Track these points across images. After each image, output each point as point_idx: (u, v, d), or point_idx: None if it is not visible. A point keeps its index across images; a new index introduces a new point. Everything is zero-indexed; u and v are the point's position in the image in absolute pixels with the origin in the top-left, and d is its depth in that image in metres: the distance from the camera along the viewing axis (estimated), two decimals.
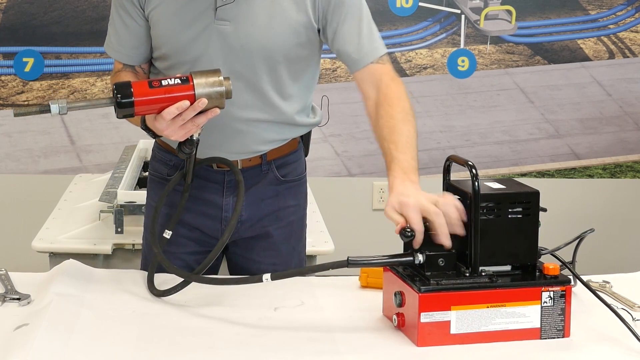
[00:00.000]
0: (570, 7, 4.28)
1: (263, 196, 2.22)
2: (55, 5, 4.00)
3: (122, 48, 2.16)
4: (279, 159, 2.23)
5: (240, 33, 2.07)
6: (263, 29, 2.07)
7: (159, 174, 2.26)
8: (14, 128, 4.09)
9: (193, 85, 1.88)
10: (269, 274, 1.84)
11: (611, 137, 4.39)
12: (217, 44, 2.08)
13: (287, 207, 2.26)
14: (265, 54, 2.09)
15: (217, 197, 2.21)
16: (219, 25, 2.07)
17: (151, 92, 1.87)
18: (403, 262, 1.82)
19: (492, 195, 1.80)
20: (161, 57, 2.14)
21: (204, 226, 2.23)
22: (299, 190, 2.29)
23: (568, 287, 1.80)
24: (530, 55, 4.25)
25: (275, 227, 2.26)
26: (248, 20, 2.07)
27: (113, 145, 4.07)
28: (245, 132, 2.15)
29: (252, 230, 2.24)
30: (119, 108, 1.87)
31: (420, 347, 1.75)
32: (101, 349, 1.72)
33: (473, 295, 1.76)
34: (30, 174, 4.12)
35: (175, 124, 1.89)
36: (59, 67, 4.05)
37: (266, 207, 2.23)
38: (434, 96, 4.26)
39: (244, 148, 2.18)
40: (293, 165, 2.26)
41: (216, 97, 1.89)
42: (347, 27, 2.10)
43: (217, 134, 2.13)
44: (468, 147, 4.29)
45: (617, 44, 4.33)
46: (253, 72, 2.10)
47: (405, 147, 1.97)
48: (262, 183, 2.22)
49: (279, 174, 2.23)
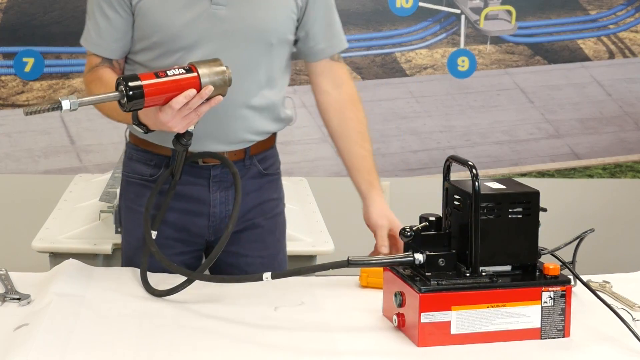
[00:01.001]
0: (570, 7, 4.28)
1: (248, 190, 2.22)
2: (55, 5, 4.00)
3: (102, 41, 2.14)
4: (260, 153, 2.24)
5: (236, 16, 2.08)
6: (259, 12, 2.09)
7: (139, 175, 2.22)
8: (14, 128, 4.09)
9: (198, 74, 1.89)
10: (269, 272, 1.84)
11: (611, 137, 4.38)
12: (212, 29, 2.08)
13: (270, 200, 2.29)
14: (260, 37, 2.11)
15: (204, 193, 2.20)
16: (215, 10, 2.07)
17: (159, 83, 1.87)
18: (403, 262, 1.82)
19: (492, 196, 1.80)
20: (148, 47, 2.12)
21: (190, 224, 2.22)
22: (277, 184, 2.32)
23: (568, 287, 1.80)
24: (530, 55, 4.25)
25: (261, 219, 2.27)
26: (243, 3, 2.09)
27: (113, 145, 4.07)
28: (238, 119, 2.15)
29: (237, 224, 2.20)
30: (129, 101, 1.86)
31: (421, 347, 1.75)
32: (101, 349, 1.72)
33: (473, 296, 1.76)
34: (30, 174, 4.12)
35: (180, 113, 1.90)
36: (59, 67, 4.05)
37: (251, 200, 2.24)
38: (434, 96, 4.26)
39: (235, 136, 2.17)
40: (271, 160, 2.29)
41: (220, 84, 1.91)
42: (320, 14, 2.18)
43: (214, 124, 2.12)
44: (468, 147, 4.29)
45: (617, 44, 4.32)
46: (247, 56, 2.11)
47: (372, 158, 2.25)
48: (246, 177, 2.22)
49: (261, 168, 2.25)
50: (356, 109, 2.26)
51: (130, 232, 2.26)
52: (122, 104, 1.87)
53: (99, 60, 2.15)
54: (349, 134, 2.24)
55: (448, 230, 1.86)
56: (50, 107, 1.82)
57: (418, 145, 4.17)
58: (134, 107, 1.87)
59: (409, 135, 4.16)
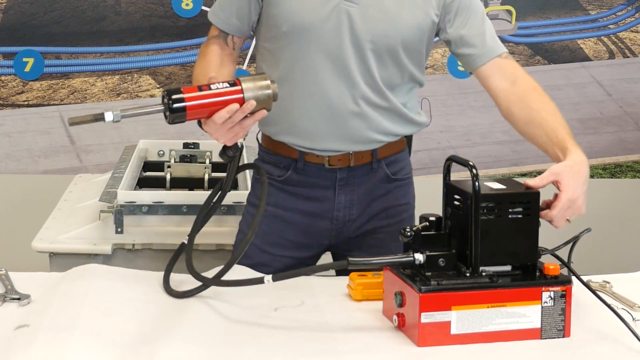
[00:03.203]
0: (570, 7, 4.28)
1: (374, 194, 2.24)
2: (55, 5, 4.00)
3: (221, 13, 2.21)
4: (388, 157, 2.24)
5: (366, 16, 2.09)
6: (389, 15, 2.10)
7: (269, 174, 2.24)
8: (14, 128, 4.09)
9: (242, 88, 1.90)
10: (270, 275, 1.84)
11: (611, 137, 4.38)
12: (342, 25, 2.09)
13: (398, 206, 2.28)
14: (385, 41, 2.11)
15: (329, 195, 2.22)
16: (347, 6, 2.09)
17: (202, 96, 1.89)
18: (403, 262, 1.82)
19: (492, 196, 1.80)
20: (276, 37, 2.15)
21: (313, 226, 2.24)
22: (407, 189, 2.31)
23: (568, 287, 1.80)
24: (530, 55, 4.25)
25: (386, 224, 2.26)
26: (375, 4, 2.10)
27: (113, 145, 4.07)
28: (361, 116, 2.15)
29: (360, 230, 2.25)
30: (171, 114, 1.88)
31: (421, 347, 1.75)
32: (101, 350, 1.72)
33: (474, 296, 1.76)
34: (30, 174, 4.12)
35: (224, 127, 1.91)
36: (59, 67, 4.05)
37: (377, 205, 2.25)
38: (434, 96, 4.25)
39: (360, 135, 2.17)
40: (401, 164, 2.28)
41: (264, 99, 1.91)
42: (474, 23, 2.17)
43: (335, 120, 2.14)
44: (468, 147, 4.28)
45: (617, 44, 4.32)
46: (369, 57, 2.12)
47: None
48: (373, 181, 2.23)
49: (388, 172, 2.24)
50: (541, 97, 2.14)
51: (250, 226, 2.27)
52: (166, 116, 1.89)
53: (216, 32, 2.22)
54: (539, 115, 2.09)
55: (448, 230, 1.86)
56: (94, 118, 1.86)
57: (418, 145, 4.16)
58: (176, 120, 1.89)
59: None
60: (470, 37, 2.17)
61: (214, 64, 2.16)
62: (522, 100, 2.13)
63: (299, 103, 2.15)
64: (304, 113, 2.16)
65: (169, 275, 2.04)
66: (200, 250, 2.61)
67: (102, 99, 4.05)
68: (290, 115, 2.17)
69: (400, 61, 2.15)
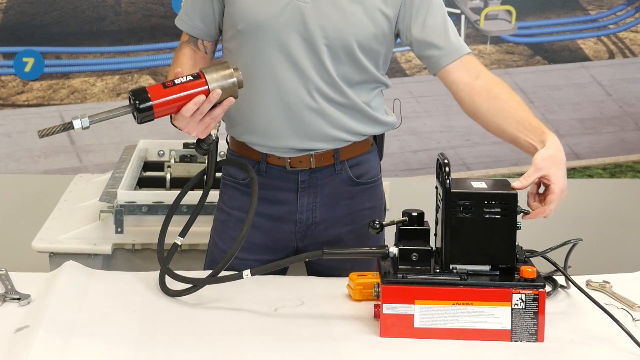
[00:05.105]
0: (570, 7, 4.28)
1: (337, 198, 2.22)
2: (55, 5, 4.00)
3: (187, 18, 2.22)
4: (352, 159, 2.21)
5: (319, 12, 2.09)
6: (343, 13, 2.09)
7: (233, 178, 2.26)
8: (14, 128, 4.09)
9: (206, 80, 1.90)
10: (248, 269, 1.88)
11: (611, 137, 4.38)
12: (294, 20, 2.09)
13: (364, 210, 2.25)
14: (338, 36, 2.10)
15: (291, 198, 2.21)
16: (300, 2, 2.08)
17: (167, 92, 1.90)
18: (376, 254, 1.85)
19: (467, 194, 1.81)
20: (234, 36, 2.15)
21: (277, 230, 2.22)
22: (373, 192, 2.27)
23: (542, 292, 1.79)
24: (530, 55, 4.25)
25: (350, 229, 2.24)
26: (329, 1, 2.09)
27: (113, 145, 4.07)
28: (318, 112, 2.14)
29: (326, 234, 2.23)
30: (138, 114, 1.89)
31: (421, 347, 1.75)
32: (101, 350, 1.72)
33: (438, 291, 1.78)
34: (30, 174, 4.12)
35: (194, 119, 1.92)
36: (59, 67, 4.05)
37: (341, 209, 2.23)
38: (434, 96, 4.25)
39: (320, 131, 2.15)
40: (366, 166, 2.25)
41: (229, 87, 1.92)
42: (435, 22, 2.13)
43: (292, 115, 2.13)
44: (468, 147, 4.29)
45: (617, 44, 4.32)
46: (323, 53, 2.10)
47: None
48: (336, 184, 2.21)
49: (352, 175, 2.22)
50: (507, 88, 2.11)
51: (218, 233, 2.29)
52: (134, 116, 1.90)
53: (186, 37, 2.24)
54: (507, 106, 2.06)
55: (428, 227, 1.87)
56: (63, 127, 1.87)
57: (418, 145, 4.17)
58: (144, 119, 1.90)
59: (409, 135, 4.16)
60: (433, 38, 2.13)
61: (187, 66, 2.16)
62: (489, 91, 2.10)
63: (257, 100, 2.14)
64: (262, 110, 2.14)
65: (164, 275, 2.03)
66: (200, 250, 2.61)
67: (102, 99, 4.05)
68: (250, 113, 2.16)
69: (357, 58, 2.12)
